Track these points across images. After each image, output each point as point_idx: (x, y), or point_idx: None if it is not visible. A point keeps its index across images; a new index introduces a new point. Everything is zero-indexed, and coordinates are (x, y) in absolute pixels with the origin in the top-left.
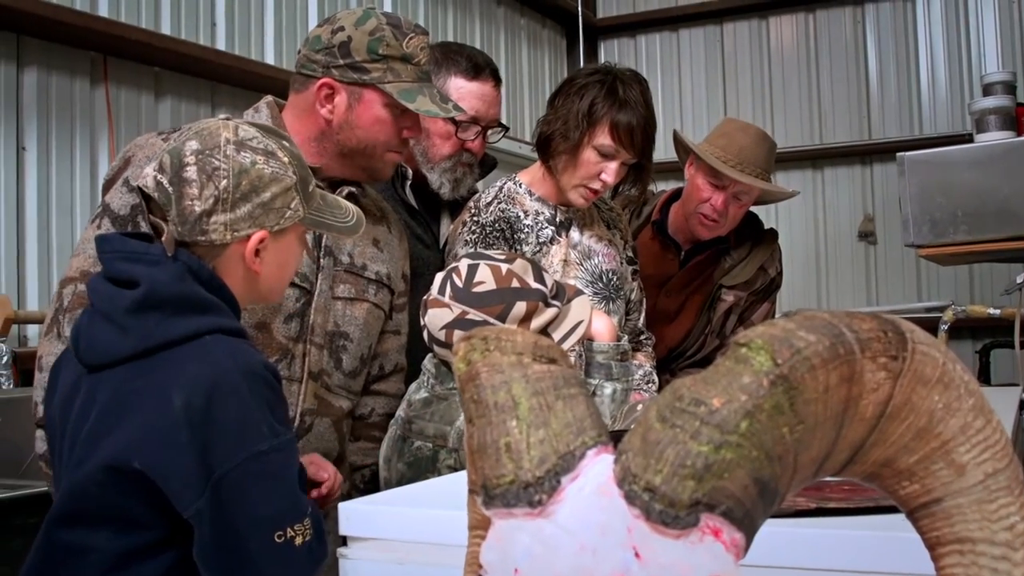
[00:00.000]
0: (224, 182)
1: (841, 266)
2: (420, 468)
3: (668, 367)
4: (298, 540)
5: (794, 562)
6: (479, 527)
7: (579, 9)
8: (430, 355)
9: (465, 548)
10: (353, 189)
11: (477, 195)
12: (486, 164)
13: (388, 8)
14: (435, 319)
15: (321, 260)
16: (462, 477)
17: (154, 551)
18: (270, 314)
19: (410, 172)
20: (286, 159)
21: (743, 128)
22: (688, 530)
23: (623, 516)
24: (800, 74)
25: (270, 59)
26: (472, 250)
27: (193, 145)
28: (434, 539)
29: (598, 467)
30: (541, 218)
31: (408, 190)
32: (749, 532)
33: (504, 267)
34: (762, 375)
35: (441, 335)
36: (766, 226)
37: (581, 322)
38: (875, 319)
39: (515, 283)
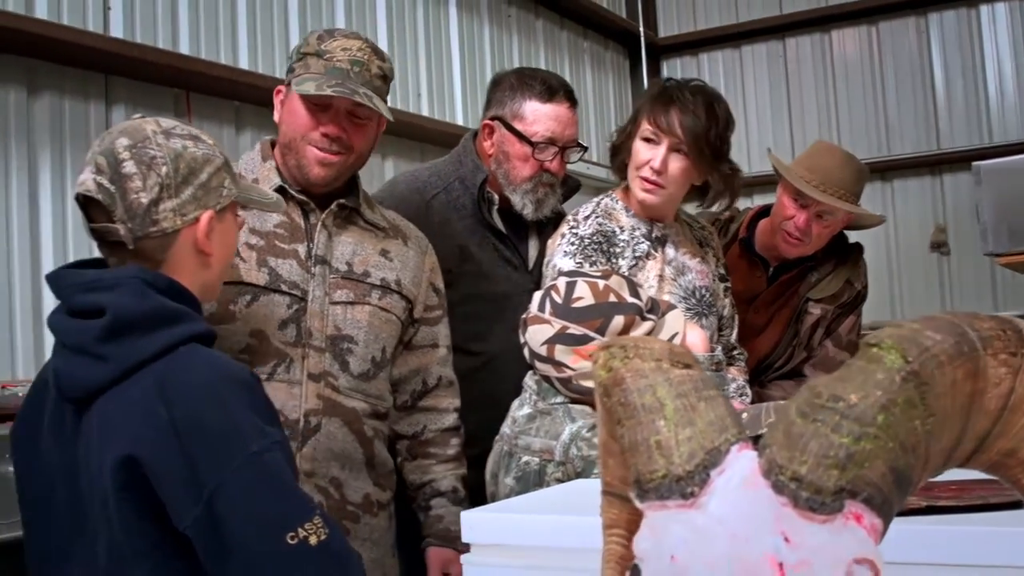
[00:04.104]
0: (164, 168)
1: (914, 278)
2: (528, 482)
3: (756, 379)
4: (312, 539)
5: (906, 558)
6: (615, 526)
7: (641, 29)
8: (531, 372)
9: (584, 551)
10: (345, 201)
11: (575, 209)
12: (569, 186)
13: (455, 36)
14: (536, 335)
15: (312, 269)
16: (575, 486)
17: None
18: (263, 322)
19: (496, 198)
20: (211, 141)
21: (830, 149)
22: (833, 515)
23: (771, 505)
24: (865, 86)
25: None
26: (570, 263)
27: (123, 141)
28: (556, 543)
29: (742, 461)
30: (637, 233)
31: (495, 215)
32: (887, 518)
33: (601, 283)
34: (894, 372)
35: (543, 350)
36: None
37: (676, 334)
38: (994, 319)
39: (612, 298)
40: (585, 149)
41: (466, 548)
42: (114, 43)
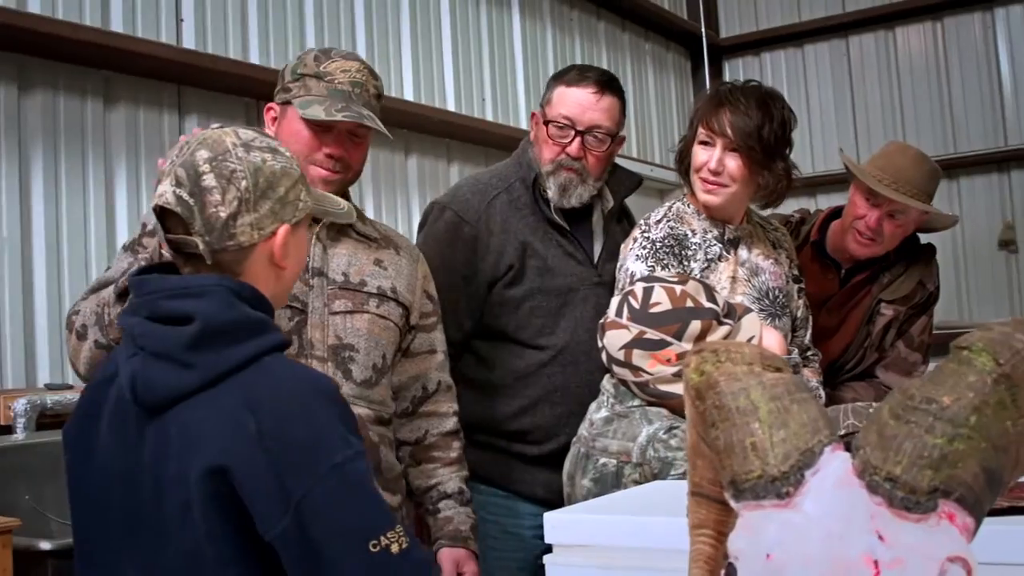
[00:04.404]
0: (244, 183)
1: (981, 276)
2: (606, 484)
3: (828, 381)
4: (394, 547)
5: (987, 558)
6: (703, 526)
7: (702, 30)
8: (608, 375)
9: (667, 551)
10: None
11: (647, 214)
12: (627, 183)
13: (518, 40)
14: (614, 339)
15: (311, 281)
16: (653, 487)
17: None
18: None
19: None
20: (288, 153)
21: (903, 149)
22: (927, 515)
23: (865, 504)
24: (930, 83)
25: (409, 95)
26: (643, 266)
27: (203, 154)
28: (639, 544)
29: (835, 462)
30: (710, 236)
31: (554, 210)
32: (978, 517)
33: (678, 288)
34: (986, 374)
35: (620, 355)
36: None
37: (752, 338)
38: None
39: (689, 303)
40: (617, 139)
41: (548, 548)
42: (187, 54)
